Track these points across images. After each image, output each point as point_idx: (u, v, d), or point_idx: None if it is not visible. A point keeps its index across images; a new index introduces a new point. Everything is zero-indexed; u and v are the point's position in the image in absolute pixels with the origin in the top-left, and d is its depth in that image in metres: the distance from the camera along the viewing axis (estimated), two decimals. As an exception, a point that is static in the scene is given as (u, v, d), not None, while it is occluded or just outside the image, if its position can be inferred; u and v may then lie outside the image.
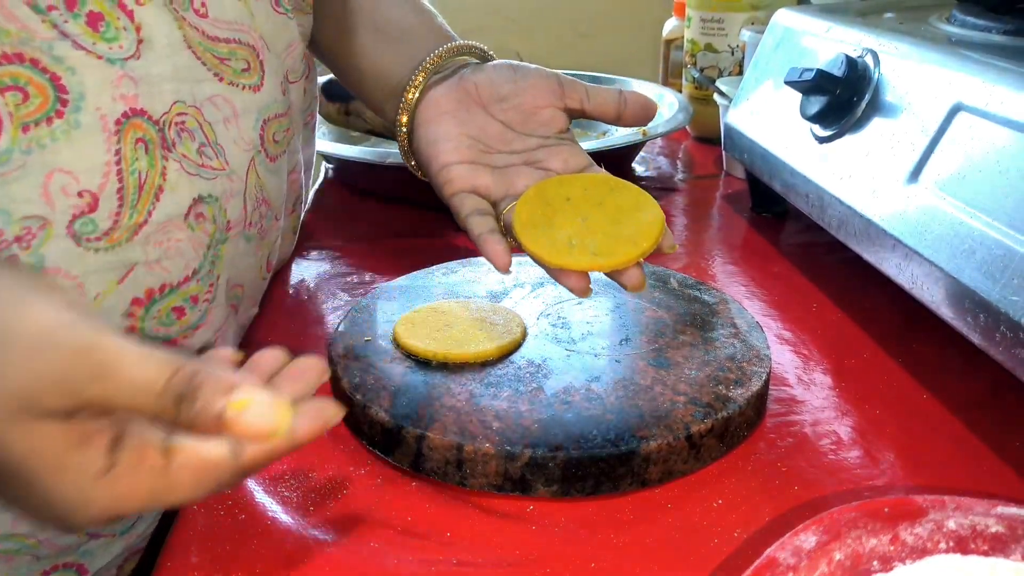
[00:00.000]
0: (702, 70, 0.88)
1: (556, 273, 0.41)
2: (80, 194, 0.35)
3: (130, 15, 0.36)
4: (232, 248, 0.43)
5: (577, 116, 0.48)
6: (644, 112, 0.47)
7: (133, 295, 0.38)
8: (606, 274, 0.41)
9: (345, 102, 0.74)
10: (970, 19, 0.52)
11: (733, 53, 0.86)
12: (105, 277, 0.37)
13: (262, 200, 0.45)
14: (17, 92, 0.33)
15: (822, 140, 0.52)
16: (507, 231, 0.43)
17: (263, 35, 0.43)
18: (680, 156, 0.88)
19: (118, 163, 0.36)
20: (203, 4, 0.40)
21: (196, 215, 0.39)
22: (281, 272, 0.60)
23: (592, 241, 0.40)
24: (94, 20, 0.35)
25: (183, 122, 0.39)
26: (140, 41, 0.36)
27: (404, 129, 0.49)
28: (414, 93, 0.48)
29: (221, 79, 0.40)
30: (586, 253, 0.40)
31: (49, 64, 0.34)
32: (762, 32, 0.67)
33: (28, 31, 0.34)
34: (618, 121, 0.47)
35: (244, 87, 0.42)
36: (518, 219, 0.42)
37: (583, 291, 0.40)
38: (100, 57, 0.35)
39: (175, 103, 0.38)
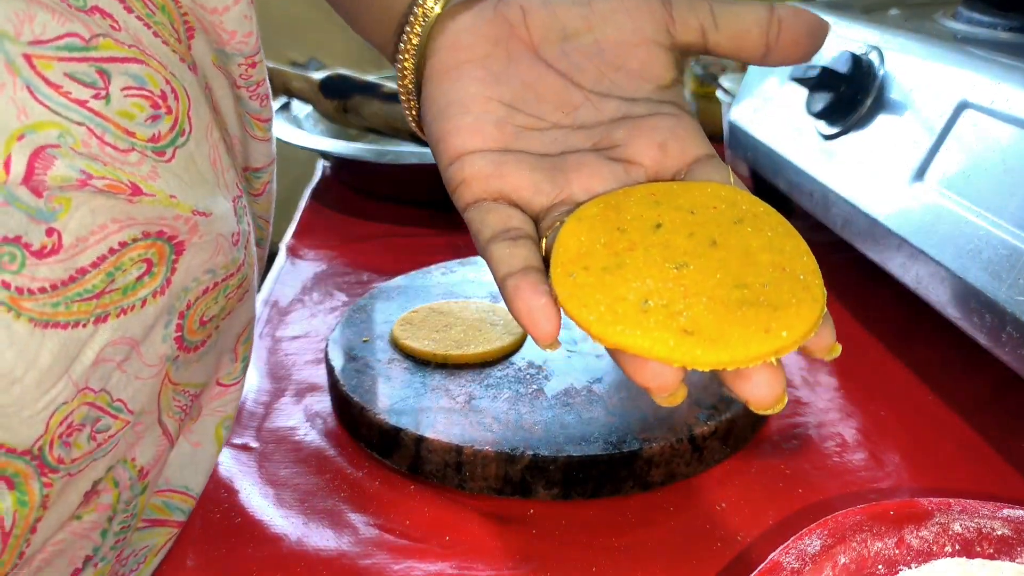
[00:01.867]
0: (705, 67, 0.87)
1: (619, 357, 0.24)
2: None
3: None
4: (148, 498, 0.33)
5: (696, 53, 0.30)
6: (810, 37, 0.29)
7: None
8: (710, 372, 0.23)
9: (343, 99, 0.74)
10: (976, 16, 0.52)
11: (735, 50, 0.86)
12: None
13: (191, 396, 0.33)
14: None
15: (827, 137, 0.52)
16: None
17: (195, 205, 0.29)
18: (681, 154, 0.88)
19: None
20: (47, 252, 0.25)
21: (87, 500, 0.29)
22: (278, 272, 0.59)
23: (688, 307, 0.23)
24: None
25: (69, 424, 0.27)
26: None
27: (409, 83, 0.31)
28: (422, 24, 0.30)
29: (104, 319, 0.27)
30: (672, 328, 0.22)
31: None
32: (764, 29, 0.67)
33: None
34: (766, 58, 0.29)
35: (144, 302, 0.28)
36: (561, 252, 0.25)
37: (666, 391, 0.23)
38: None
39: (53, 414, 0.27)
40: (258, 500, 0.37)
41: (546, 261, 0.26)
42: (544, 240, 0.27)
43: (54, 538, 0.29)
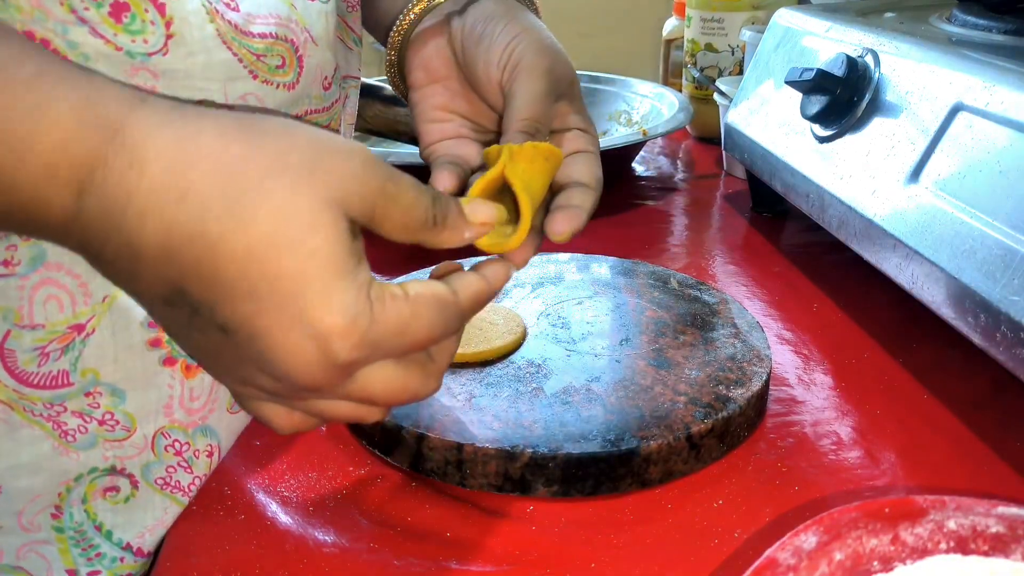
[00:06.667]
0: (702, 70, 0.88)
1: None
2: None
3: (161, 8, 0.34)
4: None
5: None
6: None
7: None
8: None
9: (345, 102, 0.74)
10: (970, 19, 0.52)
11: (733, 53, 0.86)
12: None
13: None
14: None
15: (822, 140, 0.52)
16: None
17: (307, 27, 0.39)
18: (680, 156, 0.88)
19: None
20: None
21: None
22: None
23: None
24: (118, 11, 0.33)
25: None
26: (169, 36, 0.34)
27: (392, 59, 0.43)
28: (397, 40, 0.42)
29: (255, 76, 0.38)
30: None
31: (61, 47, 0.32)
32: (762, 32, 0.67)
33: (42, 9, 0.32)
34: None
35: (278, 85, 0.39)
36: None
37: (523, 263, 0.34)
38: (119, 48, 0.33)
39: (202, 102, 0.35)
40: (262, 497, 0.37)
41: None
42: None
43: None
